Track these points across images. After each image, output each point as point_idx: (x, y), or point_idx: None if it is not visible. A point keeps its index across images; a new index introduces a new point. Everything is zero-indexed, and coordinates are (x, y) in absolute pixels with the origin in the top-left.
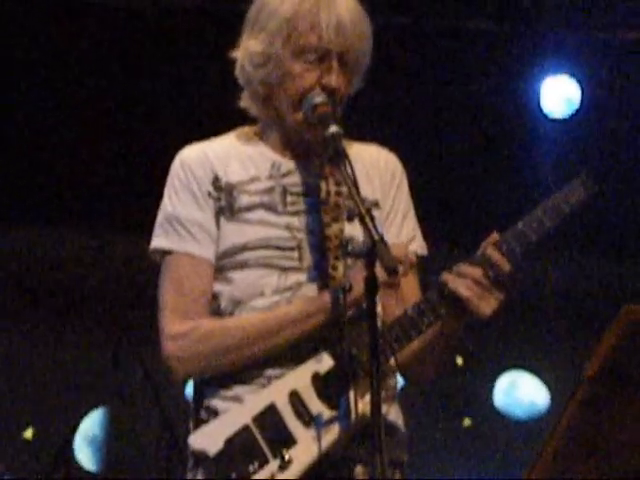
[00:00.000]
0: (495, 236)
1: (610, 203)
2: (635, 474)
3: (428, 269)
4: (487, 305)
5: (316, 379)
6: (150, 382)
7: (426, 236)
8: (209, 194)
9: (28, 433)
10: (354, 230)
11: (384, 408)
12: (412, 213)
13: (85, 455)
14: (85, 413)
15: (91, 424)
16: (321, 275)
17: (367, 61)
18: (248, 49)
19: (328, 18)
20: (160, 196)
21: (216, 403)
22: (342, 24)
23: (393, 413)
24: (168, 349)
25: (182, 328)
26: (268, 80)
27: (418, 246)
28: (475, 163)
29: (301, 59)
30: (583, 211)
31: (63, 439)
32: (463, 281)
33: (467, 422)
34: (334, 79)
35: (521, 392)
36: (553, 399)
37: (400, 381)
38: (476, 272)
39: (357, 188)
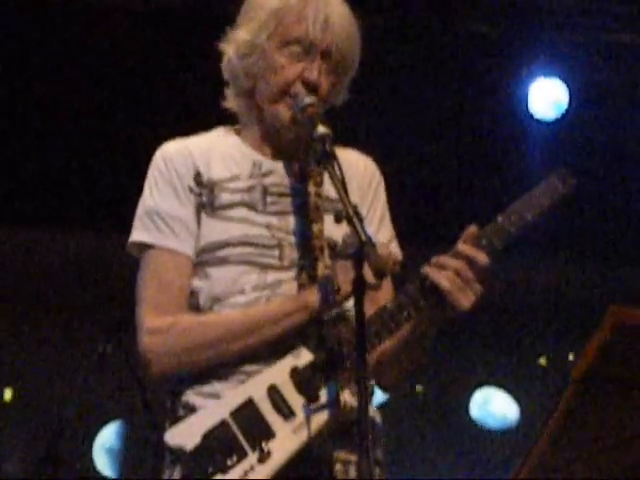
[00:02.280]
0: (473, 229)
1: (593, 206)
2: (622, 474)
3: (409, 270)
4: (466, 298)
5: (294, 373)
6: (137, 381)
7: (412, 237)
8: (190, 189)
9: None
10: (334, 231)
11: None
12: (388, 219)
13: (103, 463)
14: (74, 413)
15: (109, 436)
16: (301, 274)
17: (354, 66)
18: (235, 39)
19: (315, 12)
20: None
21: (194, 400)
22: (329, 20)
23: (371, 410)
24: (146, 344)
25: (160, 323)
26: (252, 71)
27: (394, 250)
28: (463, 165)
29: (285, 51)
30: (562, 218)
31: (51, 439)
32: (444, 273)
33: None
34: (315, 74)
35: (494, 406)
36: (523, 413)
37: (381, 396)
38: (457, 264)
39: (346, 190)
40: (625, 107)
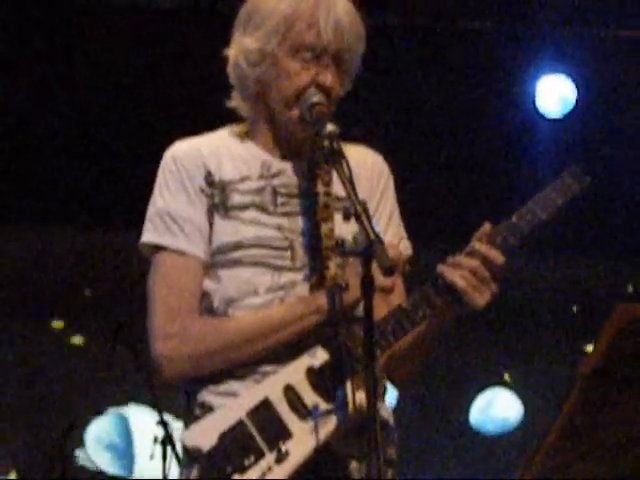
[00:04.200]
0: (487, 227)
1: (600, 203)
2: (630, 472)
3: (421, 269)
4: (481, 297)
5: (311, 373)
6: (145, 379)
7: (419, 236)
8: (202, 190)
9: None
10: (344, 230)
11: (377, 404)
12: (397, 214)
13: (105, 460)
14: (79, 411)
15: (106, 430)
16: (314, 275)
17: (359, 64)
18: (244, 47)
19: (327, 17)
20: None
21: (211, 399)
22: (340, 24)
23: (384, 410)
24: (158, 349)
25: (173, 328)
26: (263, 78)
27: (404, 247)
28: (470, 162)
29: (297, 57)
30: (572, 217)
31: (60, 438)
32: (460, 272)
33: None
34: (329, 78)
35: (496, 410)
36: (526, 414)
37: (393, 398)
38: (472, 263)
39: (354, 188)
40: (633, 103)
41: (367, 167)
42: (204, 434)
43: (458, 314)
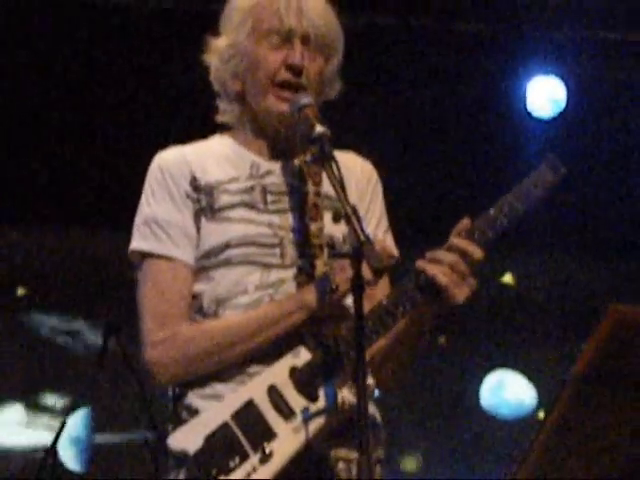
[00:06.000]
0: (466, 222)
1: (596, 203)
2: (621, 472)
3: (408, 269)
4: (461, 292)
5: (294, 373)
6: (136, 381)
7: (408, 235)
8: (187, 195)
9: None
10: (334, 229)
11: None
12: (386, 221)
13: (69, 455)
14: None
15: (75, 424)
16: (303, 272)
17: (338, 50)
18: (217, 48)
19: (287, 2)
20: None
21: (196, 402)
22: (302, 6)
23: (372, 409)
24: (149, 356)
25: (163, 334)
26: (237, 71)
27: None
28: (461, 163)
29: (265, 44)
30: (570, 210)
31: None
32: (440, 268)
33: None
34: (298, 57)
35: (508, 392)
36: (540, 398)
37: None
38: (452, 258)
39: (344, 189)
40: (622, 104)
41: (357, 172)
42: (190, 437)
43: (437, 310)
